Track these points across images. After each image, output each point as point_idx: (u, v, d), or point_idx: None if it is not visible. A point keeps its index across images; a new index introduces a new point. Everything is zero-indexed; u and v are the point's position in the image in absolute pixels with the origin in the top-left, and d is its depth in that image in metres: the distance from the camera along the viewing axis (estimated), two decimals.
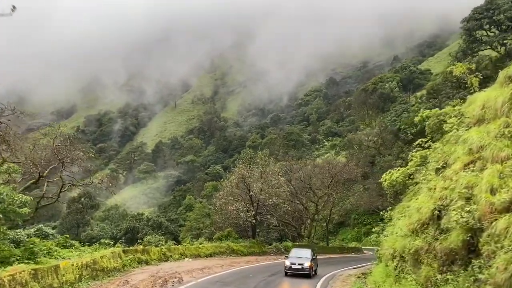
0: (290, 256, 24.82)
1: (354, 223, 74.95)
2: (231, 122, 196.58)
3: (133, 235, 51.97)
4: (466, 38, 44.28)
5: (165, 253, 27.21)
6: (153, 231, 42.75)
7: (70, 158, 23.52)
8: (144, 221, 57.11)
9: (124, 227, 57.00)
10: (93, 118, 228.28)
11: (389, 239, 20.69)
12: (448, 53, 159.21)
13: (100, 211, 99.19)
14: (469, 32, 43.61)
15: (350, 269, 29.54)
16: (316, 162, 51.97)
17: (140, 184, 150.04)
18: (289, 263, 23.48)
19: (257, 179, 37.07)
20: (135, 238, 44.62)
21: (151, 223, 55.95)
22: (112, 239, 44.69)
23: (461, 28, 46.79)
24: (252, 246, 36.23)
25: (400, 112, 79.61)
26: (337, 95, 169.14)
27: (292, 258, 24.16)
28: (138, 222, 56.67)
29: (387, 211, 32.78)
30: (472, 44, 44.37)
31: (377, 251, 26.23)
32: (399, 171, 24.22)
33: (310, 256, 24.61)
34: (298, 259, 23.94)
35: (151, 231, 46.28)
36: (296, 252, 25.61)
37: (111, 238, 46.29)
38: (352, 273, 27.05)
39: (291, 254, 25.29)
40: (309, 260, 23.93)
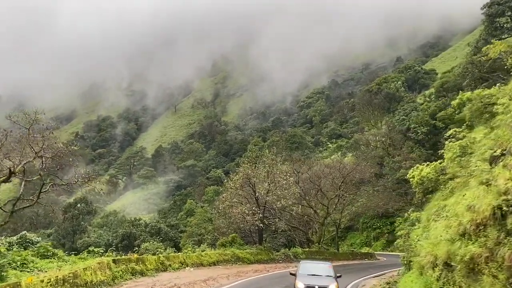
0: (300, 273, 17.27)
1: (362, 227, 71.72)
2: (232, 126, 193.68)
3: (130, 242, 48.83)
4: (488, 25, 41.57)
5: (163, 262, 24.08)
6: (151, 237, 39.56)
7: (49, 151, 20.12)
8: (142, 227, 53.95)
9: (120, 233, 53.66)
10: (92, 124, 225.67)
11: (425, 243, 17.60)
12: (452, 52, 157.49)
13: (98, 217, 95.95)
14: (491, 18, 40.88)
15: (370, 277, 26.40)
16: (325, 162, 48.83)
17: (140, 190, 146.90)
18: (304, 285, 16.22)
19: (264, 179, 33.98)
20: (132, 245, 41.50)
21: (149, 229, 52.83)
22: (108, 246, 41.52)
23: (482, 14, 44.03)
24: (259, 253, 33.08)
25: (409, 111, 76.59)
26: (340, 97, 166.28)
27: (305, 278, 16.79)
28: (135, 228, 53.46)
29: (413, 211, 29.70)
30: (495, 31, 41.58)
31: (403, 258, 23.11)
32: (429, 165, 21.13)
33: (333, 273, 17.53)
34: (317, 280, 16.75)
35: (149, 237, 43.06)
36: (309, 268, 18.04)
37: (106, 245, 43.29)
38: (376, 282, 23.92)
39: (302, 269, 17.65)
40: (333, 281, 16.93)
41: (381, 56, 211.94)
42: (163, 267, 23.92)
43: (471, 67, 37.42)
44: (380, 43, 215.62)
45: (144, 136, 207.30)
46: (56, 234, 66.15)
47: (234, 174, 35.62)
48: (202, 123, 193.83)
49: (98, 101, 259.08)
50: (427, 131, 68.90)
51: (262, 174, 33.62)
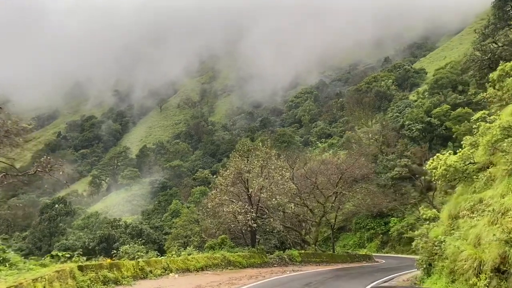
0: None
1: (356, 227, 68.94)
2: (219, 126, 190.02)
3: (108, 244, 45.01)
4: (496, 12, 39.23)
5: (143, 267, 20.63)
6: (132, 239, 35.89)
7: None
8: (122, 228, 50.07)
9: (98, 235, 49.57)
10: (75, 124, 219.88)
11: (461, 244, 14.56)
12: (441, 52, 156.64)
13: (79, 219, 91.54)
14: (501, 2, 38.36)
15: (380, 284, 23.29)
16: (322, 157, 45.76)
17: (124, 191, 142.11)
18: None
19: (257, 174, 30.70)
20: (111, 248, 37.80)
21: (129, 230, 49.00)
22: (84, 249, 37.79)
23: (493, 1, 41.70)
24: (252, 256, 29.77)
25: (403, 108, 74.30)
26: (328, 97, 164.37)
27: None
28: (114, 229, 49.54)
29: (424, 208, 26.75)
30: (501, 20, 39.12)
31: (421, 261, 20.06)
32: (456, 154, 18.11)
33: None
34: None
35: (130, 239, 39.29)
36: None
37: (83, 248, 39.53)
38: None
39: None
40: None
41: (369, 56, 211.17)
42: (142, 273, 20.47)
43: (480, 54, 34.93)
44: (368, 44, 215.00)
45: (128, 136, 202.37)
46: (31, 236, 61.74)
47: (224, 169, 32.26)
48: (188, 123, 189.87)
49: (82, 100, 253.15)
50: (422, 128, 66.60)
51: (256, 168, 30.32)
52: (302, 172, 39.15)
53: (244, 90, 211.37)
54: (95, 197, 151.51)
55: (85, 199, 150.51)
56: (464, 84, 70.71)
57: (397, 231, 60.75)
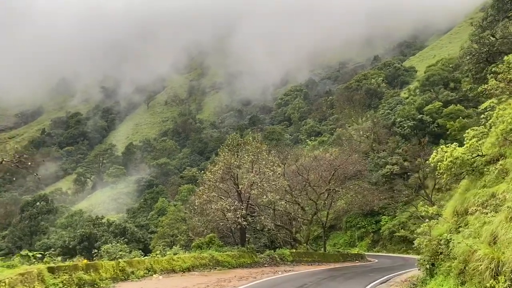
0: None
1: (346, 226, 67.87)
2: (207, 123, 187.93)
3: (90, 243, 43.04)
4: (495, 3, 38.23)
5: (124, 268, 18.99)
6: (114, 238, 34.05)
7: None
8: (104, 227, 48.05)
9: (78, 234, 47.39)
10: (60, 120, 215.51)
11: (474, 243, 13.24)
12: (430, 51, 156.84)
13: (62, 217, 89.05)
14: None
15: (378, 285, 21.96)
16: (314, 153, 44.39)
17: (110, 189, 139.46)
18: None
19: (248, 170, 29.19)
20: (93, 247, 35.97)
21: (112, 228, 47.01)
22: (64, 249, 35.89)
23: None
24: (241, 255, 28.26)
25: (394, 105, 73.44)
26: (318, 94, 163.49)
27: None
28: (96, 227, 47.50)
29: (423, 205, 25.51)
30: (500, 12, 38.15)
31: (423, 261, 18.72)
32: (464, 146, 16.81)
33: None
34: None
35: (113, 238, 37.40)
36: None
37: (62, 247, 37.69)
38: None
39: None
40: None
41: (358, 55, 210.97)
42: (123, 275, 18.84)
43: (478, 46, 33.88)
44: (357, 42, 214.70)
45: (114, 134, 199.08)
46: (11, 235, 59.31)
47: (213, 164, 30.68)
48: (176, 121, 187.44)
49: (67, 97, 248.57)
50: (414, 125, 65.75)
51: (246, 163, 28.81)
52: (294, 168, 37.77)
53: (233, 87, 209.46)
54: (80, 195, 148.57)
55: (70, 197, 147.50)
56: (456, 81, 70.11)
57: (388, 230, 59.77)
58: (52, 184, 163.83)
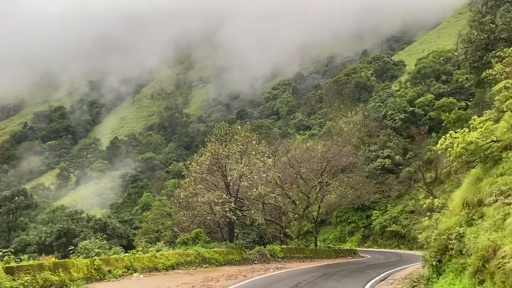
0: None
1: (336, 221, 66.53)
2: (194, 118, 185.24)
3: (68, 239, 40.78)
4: None
5: (100, 267, 17.03)
6: (94, 234, 31.95)
7: None
8: (84, 222, 45.74)
9: (55, 229, 44.81)
10: (43, 114, 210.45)
11: (498, 238, 11.65)
12: (419, 46, 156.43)
13: (43, 212, 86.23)
14: None
15: (378, 282, 20.35)
16: (306, 145, 42.65)
17: (94, 184, 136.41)
18: None
19: (236, 160, 27.35)
20: (71, 244, 33.83)
21: (92, 224, 44.71)
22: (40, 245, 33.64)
23: None
24: (230, 252, 26.45)
25: (385, 97, 72.12)
26: (306, 89, 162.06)
27: None
28: (75, 222, 45.11)
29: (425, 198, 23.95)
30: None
31: (431, 258, 17.14)
32: (478, 130, 15.18)
33: None
34: None
35: (93, 234, 35.26)
36: None
37: (38, 244, 35.43)
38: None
39: None
40: None
41: (346, 50, 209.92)
42: (99, 274, 16.87)
43: (477, 33, 32.41)
44: (345, 37, 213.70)
45: (99, 128, 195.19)
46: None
47: (199, 155, 28.75)
48: (162, 115, 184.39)
49: (51, 90, 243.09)
50: (405, 118, 64.52)
51: (235, 154, 26.95)
52: (285, 160, 36.03)
53: (221, 80, 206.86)
54: (63, 191, 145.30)
55: (53, 193, 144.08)
56: (447, 73, 69.09)
57: (379, 225, 58.59)
58: (35, 179, 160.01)
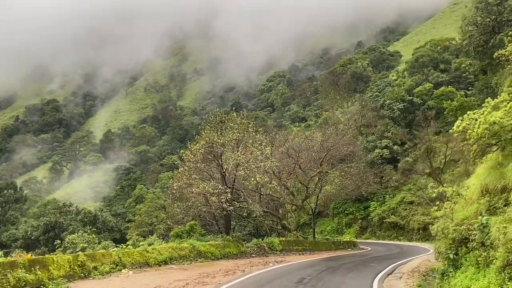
0: None
1: (333, 212, 65.35)
2: (188, 110, 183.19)
3: (56, 234, 39.06)
4: None
5: (84, 263, 15.53)
6: (84, 227, 30.45)
7: None
8: (72, 215, 44.00)
9: (42, 223, 42.89)
10: (35, 108, 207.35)
11: None
12: (414, 36, 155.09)
13: (35, 206, 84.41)
14: None
15: (385, 277, 19.02)
16: (305, 134, 41.13)
17: (87, 177, 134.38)
18: None
19: (233, 148, 25.85)
20: (59, 238, 32.25)
21: (81, 217, 43.00)
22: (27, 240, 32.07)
23: None
24: (226, 245, 25.03)
25: (383, 87, 70.70)
26: (301, 81, 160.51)
27: None
28: (63, 216, 43.36)
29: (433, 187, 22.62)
30: None
31: (447, 250, 15.79)
32: (501, 109, 13.75)
33: None
34: None
35: (82, 227, 33.68)
36: None
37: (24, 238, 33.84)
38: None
39: None
40: None
41: (341, 42, 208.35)
42: (83, 271, 15.37)
43: (485, 15, 30.96)
44: (340, 29, 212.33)
45: (92, 121, 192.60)
46: None
47: (194, 143, 27.21)
48: (156, 107, 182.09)
49: (43, 83, 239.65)
50: (404, 108, 63.26)
51: (231, 142, 25.44)
52: (283, 149, 34.57)
53: (215, 73, 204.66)
54: (56, 184, 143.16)
55: (45, 187, 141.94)
56: (446, 62, 67.80)
57: (378, 216, 57.47)
58: (27, 172, 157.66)
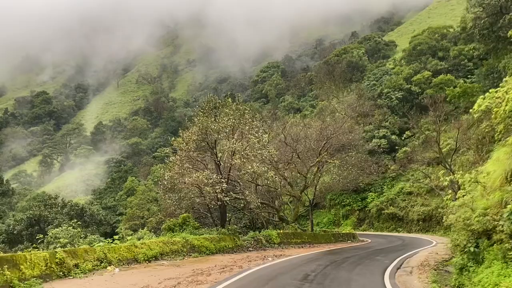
0: None
1: (330, 204, 64.09)
2: (181, 102, 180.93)
3: (41, 228, 37.13)
4: None
5: (63, 261, 13.83)
6: (70, 221, 28.61)
7: None
8: (58, 208, 42.07)
9: (25, 217, 40.75)
10: (25, 100, 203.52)
11: None
12: (409, 26, 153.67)
13: (24, 200, 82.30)
14: None
15: (395, 271, 17.53)
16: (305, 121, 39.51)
17: (78, 170, 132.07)
18: None
19: (228, 135, 24.16)
20: (44, 232, 30.43)
21: (67, 210, 41.10)
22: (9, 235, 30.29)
23: None
24: (222, 238, 23.41)
25: (380, 75, 69.15)
26: (295, 71, 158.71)
27: None
28: (48, 209, 41.37)
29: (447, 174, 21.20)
30: None
31: (468, 243, 14.28)
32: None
33: None
34: None
35: (68, 221, 31.78)
36: None
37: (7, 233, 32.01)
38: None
39: None
40: None
41: (335, 32, 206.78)
42: (62, 270, 13.68)
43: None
44: (334, 19, 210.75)
45: (83, 113, 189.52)
46: None
47: (186, 130, 25.46)
48: (148, 99, 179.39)
49: (32, 75, 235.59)
50: (402, 96, 61.86)
51: (226, 128, 23.73)
52: (280, 138, 32.94)
53: (208, 63, 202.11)
54: (47, 178, 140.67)
55: (35, 180, 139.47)
56: (444, 50, 66.36)
57: (376, 207, 56.26)
58: (16, 166, 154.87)
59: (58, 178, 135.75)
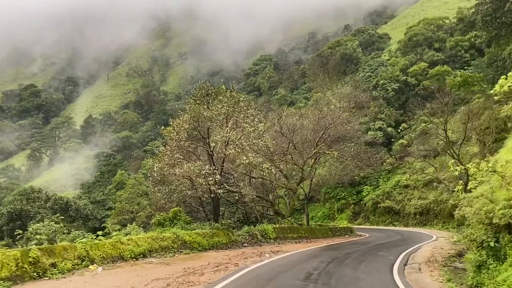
0: None
1: (325, 198, 62.95)
2: (172, 95, 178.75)
3: (23, 223, 35.38)
4: None
5: (38, 260, 12.32)
6: (54, 215, 26.98)
7: None
8: (41, 202, 40.26)
9: (6, 211, 38.73)
10: (13, 93, 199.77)
11: None
12: (403, 19, 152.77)
13: (10, 195, 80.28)
14: None
15: (402, 267, 16.25)
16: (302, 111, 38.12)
17: (68, 165, 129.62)
18: None
19: (221, 124, 22.67)
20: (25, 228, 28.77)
21: (50, 204, 39.30)
22: None
23: None
24: (215, 233, 21.97)
25: (376, 67, 67.90)
26: (288, 64, 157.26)
27: None
28: (31, 203, 39.47)
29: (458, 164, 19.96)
30: None
31: (487, 238, 12.98)
32: None
33: None
34: None
35: (52, 215, 30.03)
36: None
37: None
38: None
39: None
40: None
41: (328, 26, 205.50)
42: (36, 270, 12.16)
43: None
44: (327, 13, 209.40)
45: (72, 106, 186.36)
46: None
47: (177, 118, 23.91)
48: (138, 93, 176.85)
49: (20, 67, 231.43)
50: (398, 88, 60.70)
51: (220, 116, 22.24)
52: (276, 128, 31.52)
53: (200, 56, 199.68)
54: (35, 172, 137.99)
55: (24, 174, 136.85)
56: (441, 41, 65.27)
57: (371, 201, 55.21)
58: (4, 160, 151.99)
59: (47, 172, 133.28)
